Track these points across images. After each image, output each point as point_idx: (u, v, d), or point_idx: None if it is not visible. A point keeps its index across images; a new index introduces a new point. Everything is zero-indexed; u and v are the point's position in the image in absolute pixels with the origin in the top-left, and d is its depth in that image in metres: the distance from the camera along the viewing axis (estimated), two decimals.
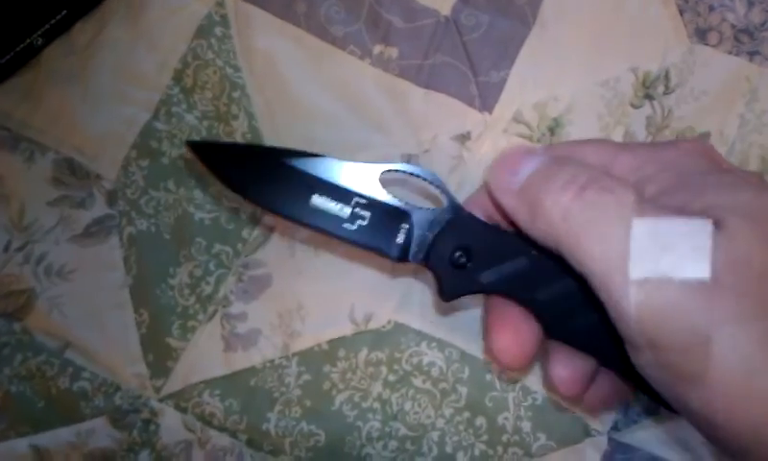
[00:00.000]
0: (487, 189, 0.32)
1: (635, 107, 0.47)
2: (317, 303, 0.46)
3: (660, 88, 0.47)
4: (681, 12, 0.47)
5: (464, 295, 0.33)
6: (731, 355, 0.24)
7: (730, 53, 0.47)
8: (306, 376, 0.46)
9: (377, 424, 0.46)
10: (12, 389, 0.47)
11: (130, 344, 0.47)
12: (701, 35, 0.47)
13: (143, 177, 0.48)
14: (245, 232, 0.47)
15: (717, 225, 0.25)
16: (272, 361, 0.46)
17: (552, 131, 0.47)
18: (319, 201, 0.33)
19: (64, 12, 0.48)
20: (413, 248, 0.33)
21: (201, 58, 0.49)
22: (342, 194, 0.33)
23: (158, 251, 0.47)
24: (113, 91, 0.49)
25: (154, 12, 0.49)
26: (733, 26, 0.47)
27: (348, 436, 0.46)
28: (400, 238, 0.33)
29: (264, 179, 0.34)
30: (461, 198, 0.46)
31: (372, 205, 0.33)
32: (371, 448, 0.45)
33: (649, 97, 0.47)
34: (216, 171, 0.34)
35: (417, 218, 0.33)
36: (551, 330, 0.32)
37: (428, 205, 0.36)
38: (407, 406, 0.46)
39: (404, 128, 0.47)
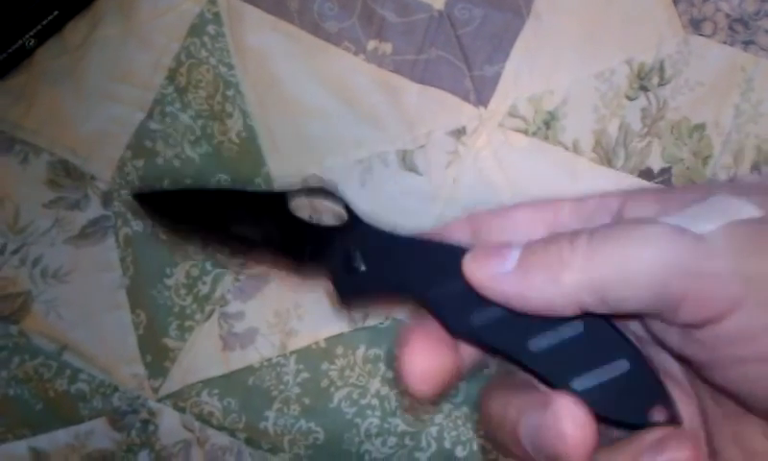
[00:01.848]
0: (474, 287, 0.28)
1: (630, 98, 0.47)
2: (314, 301, 0.46)
3: (655, 80, 0.46)
4: (675, 3, 0.47)
5: (362, 297, 0.34)
6: None
7: (724, 43, 0.47)
8: (304, 374, 0.46)
9: (376, 421, 0.46)
10: (9, 392, 0.47)
11: (127, 345, 0.47)
12: (695, 25, 0.47)
13: (138, 177, 0.48)
14: None
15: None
16: (269, 360, 0.46)
17: (548, 124, 0.47)
18: (236, 228, 0.36)
19: (56, 12, 0.48)
20: (317, 262, 0.35)
21: (194, 56, 0.49)
22: (252, 218, 0.36)
23: (155, 251, 0.47)
24: (107, 91, 0.49)
25: (146, 11, 0.49)
26: (728, 16, 0.47)
27: (346, 433, 0.46)
28: (306, 250, 0.35)
29: (192, 215, 0.37)
30: (457, 193, 0.47)
31: (280, 226, 0.35)
32: (369, 444, 0.46)
33: (644, 89, 0.46)
34: (158, 217, 0.39)
35: (320, 234, 0.35)
36: (452, 327, 0.30)
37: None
38: (406, 402, 0.46)
39: (399, 123, 0.47)
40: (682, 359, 0.26)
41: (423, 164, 0.47)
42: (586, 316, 0.26)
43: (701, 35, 0.47)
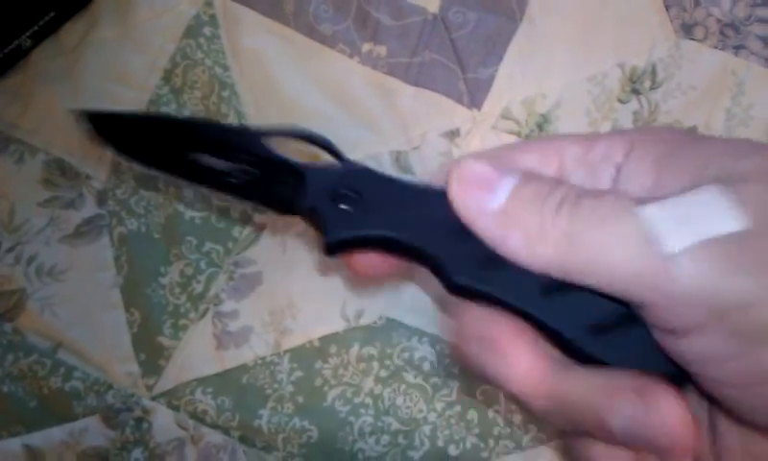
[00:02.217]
0: (453, 208, 0.28)
1: (622, 102, 0.47)
2: (308, 300, 0.47)
3: (647, 83, 0.47)
4: (667, 8, 0.47)
5: (352, 245, 0.30)
6: None
7: (716, 47, 0.47)
8: (298, 373, 0.46)
9: (370, 419, 0.46)
10: (3, 389, 0.47)
11: (121, 343, 0.47)
12: (687, 29, 0.47)
13: (133, 176, 0.48)
14: (235, 231, 0.47)
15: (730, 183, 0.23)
16: (263, 358, 0.46)
17: (540, 126, 0.47)
18: (202, 158, 0.32)
19: (52, 13, 0.48)
20: (298, 199, 0.31)
21: (190, 57, 0.49)
22: (228, 152, 0.32)
23: (149, 250, 0.48)
24: (102, 92, 0.49)
25: (142, 12, 0.49)
26: (719, 21, 0.47)
27: (340, 431, 0.46)
28: (285, 190, 0.31)
29: (153, 142, 0.33)
30: None
31: (257, 162, 0.32)
32: (363, 443, 0.46)
33: (636, 92, 0.47)
34: (108, 139, 0.34)
35: (303, 170, 0.31)
36: (452, 281, 0.28)
37: None
38: (399, 401, 0.46)
39: (393, 125, 0.48)
40: None
41: (418, 165, 0.47)
42: None
43: (692, 39, 0.47)
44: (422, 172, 0.47)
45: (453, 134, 0.47)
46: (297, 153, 0.32)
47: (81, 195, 0.48)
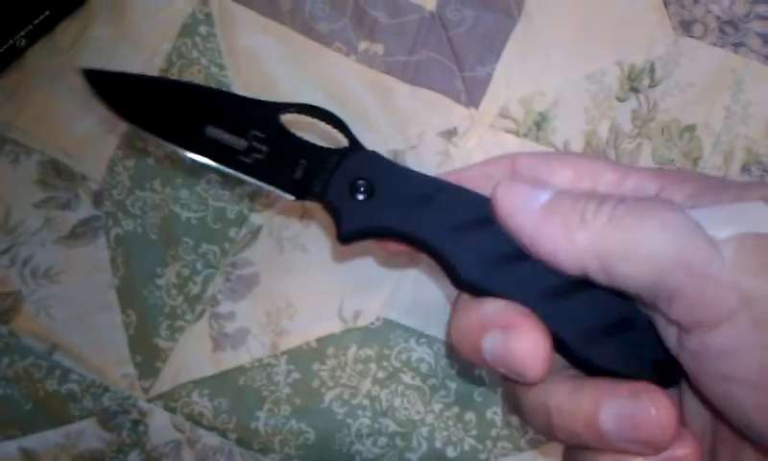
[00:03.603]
0: (495, 211, 0.28)
1: (620, 100, 0.47)
2: (305, 301, 0.46)
3: (646, 81, 0.47)
4: (665, 5, 0.47)
5: (366, 234, 0.30)
6: None
7: (714, 45, 0.47)
8: (295, 375, 0.46)
9: (367, 421, 0.46)
10: None
11: (118, 345, 0.47)
12: (686, 27, 0.47)
13: (129, 177, 0.48)
14: (232, 232, 0.47)
15: None
16: (260, 360, 0.46)
17: (538, 125, 0.47)
18: (213, 131, 0.31)
19: (47, 12, 0.48)
20: (312, 183, 0.31)
21: (185, 56, 0.49)
22: (238, 126, 0.31)
23: (145, 251, 0.47)
24: None
25: (137, 11, 0.49)
26: (718, 18, 0.47)
27: (337, 433, 0.46)
28: (299, 174, 0.31)
29: (158, 107, 0.32)
30: None
31: (269, 139, 0.31)
32: (360, 444, 0.46)
33: (634, 90, 0.47)
34: (110, 100, 0.32)
35: (317, 154, 0.31)
36: (462, 276, 0.28)
37: None
38: (396, 403, 0.46)
39: (391, 124, 0.47)
40: None
41: (415, 165, 0.47)
42: (584, 283, 0.26)
43: (691, 36, 0.47)
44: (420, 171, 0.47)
45: (451, 133, 0.47)
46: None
47: (77, 196, 0.48)
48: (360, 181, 0.30)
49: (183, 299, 0.47)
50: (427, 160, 0.47)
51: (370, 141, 0.47)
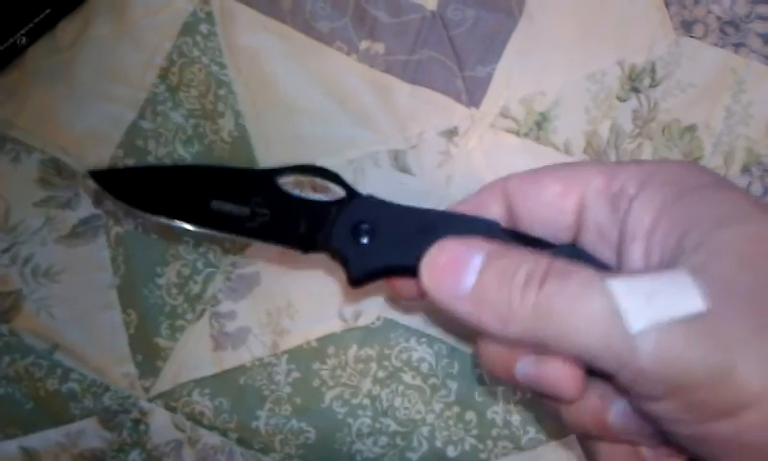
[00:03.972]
0: (430, 297, 0.29)
1: (621, 100, 0.47)
2: (306, 301, 0.46)
3: (647, 81, 0.47)
4: (666, 5, 0.47)
5: (374, 276, 0.32)
6: (758, 371, 0.23)
7: (715, 45, 0.47)
8: (296, 374, 0.46)
9: (367, 421, 0.46)
10: (0, 391, 0.47)
11: (118, 344, 0.47)
12: (687, 27, 0.47)
13: None
14: None
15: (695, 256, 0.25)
16: (261, 359, 0.46)
17: (539, 125, 0.47)
18: (218, 205, 0.33)
19: (48, 10, 0.48)
20: (316, 236, 0.33)
21: (186, 55, 0.49)
22: (240, 196, 0.33)
23: (146, 250, 0.47)
24: (98, 90, 0.49)
25: (138, 9, 0.49)
26: (719, 18, 0.47)
27: (338, 433, 0.46)
28: (303, 228, 0.33)
29: (165, 193, 0.34)
30: (449, 193, 0.47)
31: (270, 203, 0.33)
32: (361, 444, 0.46)
33: (635, 90, 0.47)
34: (119, 196, 0.35)
35: (317, 208, 0.33)
36: None
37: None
38: (397, 402, 0.46)
39: (391, 123, 0.47)
40: None
41: (415, 164, 0.47)
42: None
43: (692, 37, 0.47)
44: (420, 171, 0.47)
45: (451, 133, 0.47)
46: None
47: (77, 195, 0.48)
48: (362, 226, 0.32)
49: (184, 298, 0.47)
50: (428, 160, 0.47)
51: (370, 140, 0.47)
